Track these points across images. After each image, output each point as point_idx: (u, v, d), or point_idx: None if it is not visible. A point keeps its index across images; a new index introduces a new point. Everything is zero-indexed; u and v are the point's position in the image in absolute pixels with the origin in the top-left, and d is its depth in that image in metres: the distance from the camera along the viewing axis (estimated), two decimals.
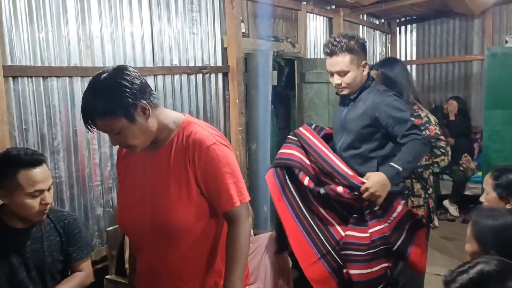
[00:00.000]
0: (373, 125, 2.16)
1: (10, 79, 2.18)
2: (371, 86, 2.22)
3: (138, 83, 1.36)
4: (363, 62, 2.18)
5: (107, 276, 2.46)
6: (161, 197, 1.45)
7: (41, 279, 1.82)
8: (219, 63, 3.40)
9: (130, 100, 1.33)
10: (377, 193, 1.96)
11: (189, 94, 3.18)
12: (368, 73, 2.24)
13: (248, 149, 3.68)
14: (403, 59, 6.04)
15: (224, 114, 3.49)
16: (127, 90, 1.32)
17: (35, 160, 1.70)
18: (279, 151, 2.27)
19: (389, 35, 6.17)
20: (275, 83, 3.98)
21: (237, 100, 3.45)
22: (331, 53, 2.16)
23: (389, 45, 6.19)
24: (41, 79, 2.31)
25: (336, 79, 2.20)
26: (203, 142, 1.43)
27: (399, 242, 2.05)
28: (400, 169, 2.00)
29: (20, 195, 1.68)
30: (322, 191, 2.07)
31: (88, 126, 1.35)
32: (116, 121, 1.32)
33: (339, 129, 2.30)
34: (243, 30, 3.54)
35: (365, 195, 1.97)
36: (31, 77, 2.26)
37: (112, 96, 1.31)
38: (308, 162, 2.18)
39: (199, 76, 3.24)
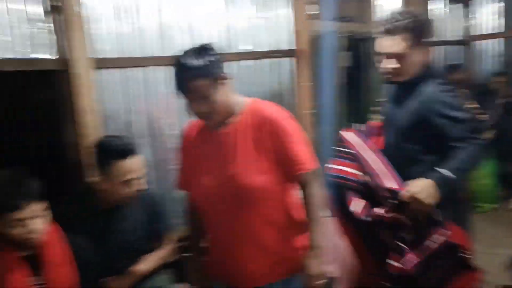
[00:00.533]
0: (424, 123, 1.83)
1: (99, 70, 2.36)
2: (429, 76, 1.88)
3: (220, 57, 1.60)
4: (422, 46, 1.87)
5: (187, 254, 2.62)
6: (240, 167, 1.60)
7: (129, 256, 1.99)
8: (289, 47, 3.41)
9: (218, 67, 1.57)
10: (421, 199, 1.69)
11: (259, 79, 3.23)
12: (428, 60, 1.91)
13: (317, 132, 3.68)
14: (484, 32, 5.55)
15: (294, 98, 3.51)
16: (216, 58, 1.57)
17: (127, 151, 1.85)
18: (331, 166, 2.05)
19: (468, 7, 5.68)
20: (348, 64, 3.93)
21: (307, 84, 3.45)
22: (388, 32, 1.87)
23: (469, 18, 5.73)
24: (125, 69, 2.47)
25: (386, 63, 1.90)
26: (274, 116, 1.65)
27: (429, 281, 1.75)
28: (452, 176, 1.70)
29: (114, 183, 1.84)
30: (367, 218, 1.87)
31: (181, 92, 1.55)
32: (207, 84, 1.53)
33: (386, 125, 2.05)
34: (314, 12, 3.51)
35: (408, 201, 1.71)
36: (116, 68, 2.44)
37: (206, 60, 1.53)
38: (358, 173, 1.95)
39: (269, 60, 3.28)
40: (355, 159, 1.96)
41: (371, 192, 1.88)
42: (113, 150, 1.86)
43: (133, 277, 1.99)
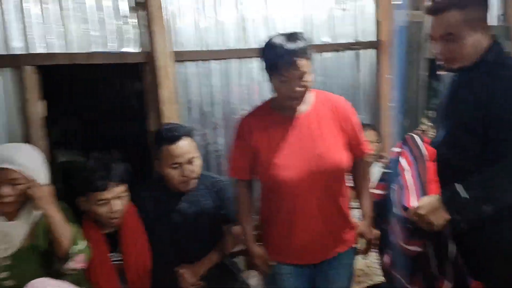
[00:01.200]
0: (480, 123, 1.50)
1: (178, 63, 2.48)
2: (494, 62, 1.54)
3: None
4: (479, 24, 1.56)
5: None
6: (328, 146, 1.77)
7: (197, 240, 2.08)
8: (371, 38, 3.29)
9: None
10: (427, 218, 1.55)
11: (338, 71, 3.17)
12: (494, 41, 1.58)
13: (400, 125, 3.52)
14: None
15: (375, 91, 3.39)
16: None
17: (174, 136, 1.96)
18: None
19: None
20: (432, 56, 3.70)
21: (388, 76, 3.32)
22: (434, 10, 1.60)
23: None
24: (202, 62, 2.57)
25: (440, 47, 1.62)
26: (343, 103, 1.88)
27: None
28: (465, 195, 1.44)
29: (164, 166, 1.96)
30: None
31: (283, 70, 1.67)
32: (308, 64, 1.70)
33: (439, 120, 1.79)
34: (397, 2, 3.35)
35: (414, 220, 1.62)
36: (194, 60, 2.54)
37: (306, 43, 1.70)
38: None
39: (349, 52, 3.20)
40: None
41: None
42: (163, 135, 1.99)
43: (204, 266, 2.08)
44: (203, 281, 2.06)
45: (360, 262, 2.35)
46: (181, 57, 2.48)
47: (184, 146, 1.98)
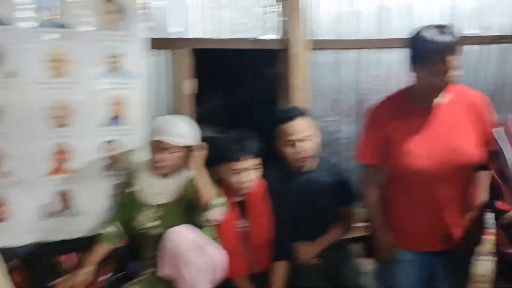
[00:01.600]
0: None
1: (313, 51, 2.59)
2: None
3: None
4: None
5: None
6: (463, 140, 1.79)
7: (314, 219, 2.18)
8: None
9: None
10: None
11: (485, 66, 2.97)
12: None
13: None
14: None
15: None
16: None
17: (288, 116, 2.10)
18: None
19: None
20: None
21: None
22: None
23: None
24: (337, 51, 2.64)
25: None
26: (480, 98, 1.88)
27: None
28: None
29: (281, 145, 2.13)
30: None
31: (437, 64, 1.69)
32: (457, 58, 1.70)
33: None
34: None
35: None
36: (329, 49, 2.62)
37: (456, 37, 1.70)
38: None
39: (498, 46, 2.97)
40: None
41: None
42: (279, 115, 2.14)
43: (321, 245, 2.19)
44: (318, 259, 2.16)
45: (482, 266, 2.23)
46: (316, 45, 2.58)
47: (298, 125, 2.11)
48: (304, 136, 2.11)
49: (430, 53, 1.68)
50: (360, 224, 2.30)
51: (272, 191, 2.15)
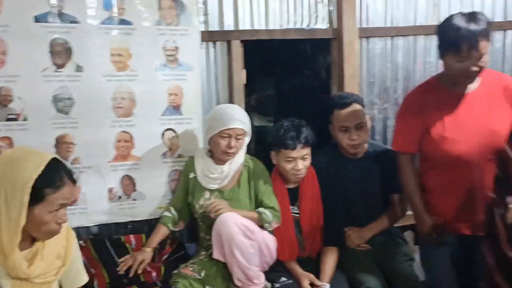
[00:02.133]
0: None
1: (364, 39, 2.60)
2: None
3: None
4: None
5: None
6: (494, 124, 1.83)
7: (365, 205, 2.23)
8: None
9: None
10: None
11: None
12: None
13: None
14: None
15: None
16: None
17: (344, 102, 2.15)
18: None
19: None
20: None
21: None
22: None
23: None
24: (388, 38, 2.64)
25: None
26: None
27: None
28: None
29: (335, 130, 2.19)
30: None
31: (468, 50, 1.71)
32: (487, 45, 1.73)
33: None
34: None
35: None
36: (380, 37, 2.62)
37: (488, 24, 1.74)
38: None
39: None
40: None
41: None
42: (334, 100, 2.20)
43: (371, 231, 2.22)
44: (368, 245, 2.20)
45: None
46: (367, 33, 2.59)
47: (353, 112, 2.14)
48: (358, 123, 2.15)
49: (461, 41, 1.70)
50: (411, 212, 2.32)
51: (324, 177, 2.21)
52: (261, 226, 2.06)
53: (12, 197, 1.27)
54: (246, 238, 1.94)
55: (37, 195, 1.29)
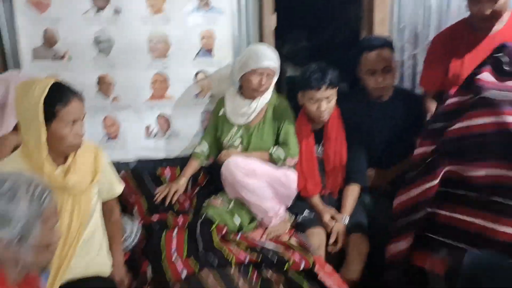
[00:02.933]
0: None
1: None
2: None
3: None
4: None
5: None
6: None
7: (389, 148, 2.30)
8: None
9: None
10: None
11: None
12: None
13: None
14: None
15: None
16: None
17: (372, 45, 2.21)
18: None
19: None
20: None
21: None
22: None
23: None
24: None
25: None
26: None
27: None
28: None
29: (362, 72, 2.25)
30: None
31: None
32: None
33: None
34: None
35: None
36: None
37: None
38: None
39: None
40: None
41: None
42: (363, 43, 2.25)
43: (392, 174, 2.30)
44: (389, 186, 2.29)
45: None
46: None
47: (380, 55, 2.18)
48: (385, 66, 2.19)
49: None
50: None
51: (349, 118, 2.28)
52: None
53: (31, 119, 1.47)
54: (249, 178, 2.11)
55: (49, 112, 1.48)
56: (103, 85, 2.36)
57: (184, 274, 1.71)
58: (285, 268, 1.78)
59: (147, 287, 1.75)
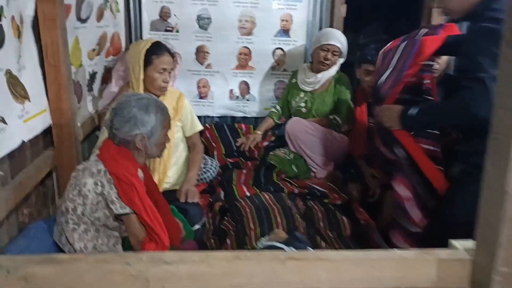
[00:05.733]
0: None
1: None
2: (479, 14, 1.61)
3: None
4: None
5: None
6: None
7: None
8: None
9: None
10: (382, 117, 1.90)
11: None
12: None
13: None
14: None
15: None
16: None
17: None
18: None
19: None
20: None
21: None
22: None
23: None
24: None
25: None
26: None
27: None
28: (413, 114, 1.74)
29: None
30: None
31: None
32: None
33: None
34: None
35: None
36: None
37: None
38: None
39: None
40: None
41: None
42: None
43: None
44: None
45: None
46: None
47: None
48: None
49: None
50: None
51: None
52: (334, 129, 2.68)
53: (135, 63, 2.12)
54: (309, 134, 2.60)
55: (148, 60, 2.11)
56: (200, 53, 2.97)
57: (248, 194, 2.27)
58: (326, 201, 2.27)
59: (218, 203, 2.31)
